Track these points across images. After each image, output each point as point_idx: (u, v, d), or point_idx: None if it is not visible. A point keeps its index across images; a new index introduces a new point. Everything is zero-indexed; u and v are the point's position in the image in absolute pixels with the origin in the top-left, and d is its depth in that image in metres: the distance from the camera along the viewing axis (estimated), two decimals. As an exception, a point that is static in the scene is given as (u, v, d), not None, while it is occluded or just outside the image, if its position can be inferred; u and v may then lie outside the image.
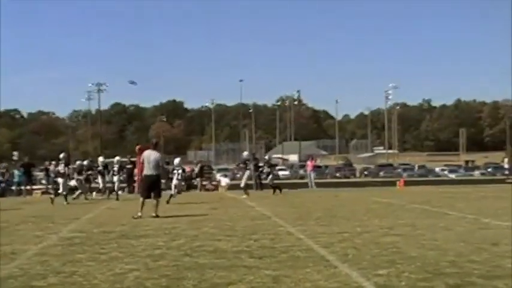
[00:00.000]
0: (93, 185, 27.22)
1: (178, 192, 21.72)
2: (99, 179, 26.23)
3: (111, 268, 7.59)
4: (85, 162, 27.34)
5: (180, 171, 21.98)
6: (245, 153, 27.63)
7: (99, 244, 9.80)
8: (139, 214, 14.31)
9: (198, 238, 10.37)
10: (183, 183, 23.95)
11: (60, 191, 22.22)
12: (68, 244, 9.89)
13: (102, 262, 8.05)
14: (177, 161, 22.69)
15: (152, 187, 14.79)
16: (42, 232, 11.75)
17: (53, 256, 8.63)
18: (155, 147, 15.42)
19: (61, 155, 23.91)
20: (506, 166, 46.71)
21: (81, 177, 24.74)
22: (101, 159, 27.59)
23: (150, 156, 14.82)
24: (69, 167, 23.59)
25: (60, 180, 22.50)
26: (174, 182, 21.58)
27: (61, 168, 22.77)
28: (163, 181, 19.07)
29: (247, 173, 24.68)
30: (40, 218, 14.97)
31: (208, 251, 8.83)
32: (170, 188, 21.91)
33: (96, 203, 21.97)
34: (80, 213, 16.55)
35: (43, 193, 31.43)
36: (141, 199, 14.87)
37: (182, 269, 7.43)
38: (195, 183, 34.10)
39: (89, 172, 26.13)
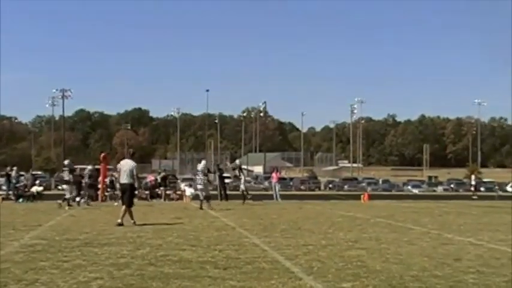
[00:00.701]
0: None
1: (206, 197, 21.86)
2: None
3: (75, 276, 7.48)
4: (89, 167, 27.02)
5: (201, 176, 21.95)
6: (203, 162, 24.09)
7: (62, 252, 9.65)
8: (132, 221, 14.74)
9: (162, 247, 10.29)
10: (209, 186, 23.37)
11: (66, 197, 22.32)
12: (30, 251, 9.71)
13: (65, 270, 7.93)
14: (200, 165, 22.40)
15: (124, 195, 15.10)
16: (3, 239, 11.51)
17: (14, 263, 8.46)
18: (132, 156, 15.76)
19: (66, 162, 23.77)
20: (473, 183, 47.08)
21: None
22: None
23: (125, 165, 15.18)
24: (74, 173, 23.59)
25: (65, 187, 22.54)
26: (199, 187, 21.85)
27: (65, 175, 22.71)
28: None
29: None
30: (0, 224, 14.66)
31: (173, 261, 8.77)
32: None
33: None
34: (42, 220, 16.29)
35: (3, 199, 30.87)
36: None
37: (147, 279, 7.36)
38: (159, 193, 33.82)
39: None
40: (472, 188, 45.71)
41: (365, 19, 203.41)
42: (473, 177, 49.59)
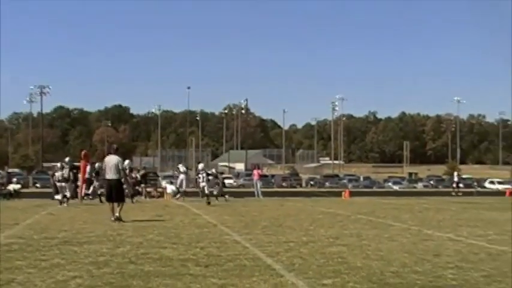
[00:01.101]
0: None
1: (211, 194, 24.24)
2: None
3: (53, 275, 7.37)
4: (97, 164, 26.81)
5: (204, 174, 24.87)
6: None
7: (40, 251, 9.52)
8: (112, 218, 14.78)
9: (143, 245, 10.21)
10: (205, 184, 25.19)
11: (67, 195, 22.37)
12: (5, 250, 9.54)
13: (43, 269, 7.81)
14: (200, 166, 25.81)
15: (113, 191, 15.13)
16: (-21, 238, 11.34)
17: (-11, 263, 8.32)
18: (116, 152, 15.79)
19: (66, 159, 23.63)
20: (455, 179, 47.10)
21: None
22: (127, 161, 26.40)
23: (110, 161, 15.29)
24: (74, 171, 23.53)
25: (64, 184, 22.55)
26: (202, 184, 24.61)
27: (65, 172, 22.56)
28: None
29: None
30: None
31: (153, 259, 8.70)
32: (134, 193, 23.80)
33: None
34: (19, 218, 16.09)
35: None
36: (109, 204, 15.29)
37: (127, 277, 7.28)
38: (140, 190, 33.60)
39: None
40: (454, 185, 45.83)
41: (345, 17, 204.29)
42: (455, 174, 49.59)
